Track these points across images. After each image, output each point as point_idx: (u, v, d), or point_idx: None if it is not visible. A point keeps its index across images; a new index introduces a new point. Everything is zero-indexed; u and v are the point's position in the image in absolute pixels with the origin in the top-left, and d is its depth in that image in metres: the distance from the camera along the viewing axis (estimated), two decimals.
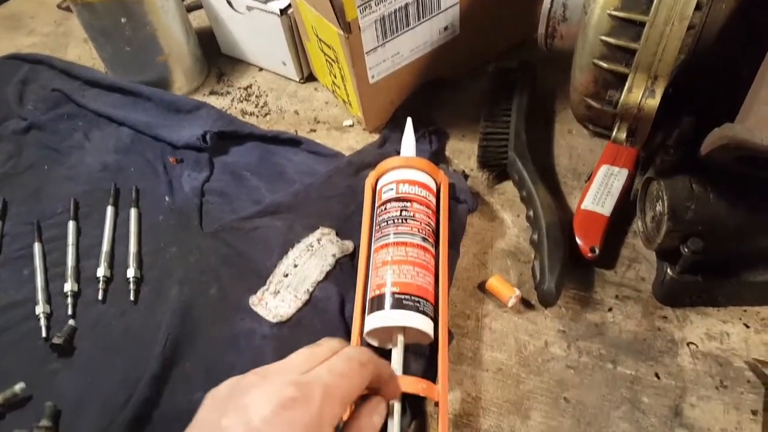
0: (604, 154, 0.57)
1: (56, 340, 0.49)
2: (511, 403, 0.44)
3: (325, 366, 0.32)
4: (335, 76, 0.65)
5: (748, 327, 0.47)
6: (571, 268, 0.50)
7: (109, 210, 0.59)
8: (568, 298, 0.50)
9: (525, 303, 0.50)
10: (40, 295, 0.53)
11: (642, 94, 0.41)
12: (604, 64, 0.42)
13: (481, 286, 0.51)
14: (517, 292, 0.49)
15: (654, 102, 0.39)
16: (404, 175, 0.51)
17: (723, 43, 0.40)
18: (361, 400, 0.35)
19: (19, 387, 0.46)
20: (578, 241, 0.51)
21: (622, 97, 0.41)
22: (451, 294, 0.51)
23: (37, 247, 0.56)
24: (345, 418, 0.34)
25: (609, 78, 0.43)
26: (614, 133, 0.44)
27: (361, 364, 0.32)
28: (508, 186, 0.58)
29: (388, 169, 0.52)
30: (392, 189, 0.50)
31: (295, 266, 0.53)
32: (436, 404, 0.42)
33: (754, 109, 0.33)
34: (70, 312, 0.52)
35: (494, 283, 0.50)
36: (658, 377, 0.44)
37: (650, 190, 0.48)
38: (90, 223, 0.59)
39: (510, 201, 0.57)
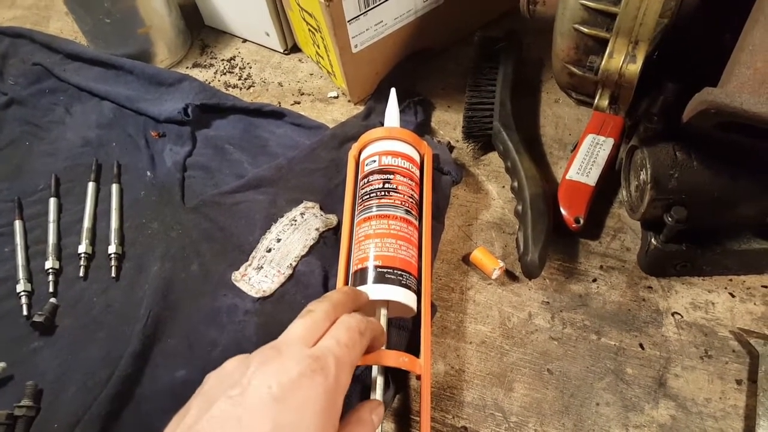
0: (591, 123, 0.56)
1: (37, 318, 0.49)
2: (495, 375, 0.44)
3: (333, 338, 0.33)
4: (318, 47, 0.63)
5: (733, 296, 0.46)
6: (555, 239, 0.49)
7: (91, 186, 0.58)
8: (553, 269, 0.49)
9: (509, 275, 0.49)
10: (21, 273, 0.52)
11: (623, 60, 0.40)
12: (585, 29, 0.41)
13: (466, 259, 0.50)
14: (501, 264, 0.48)
15: (635, 67, 0.38)
16: (387, 147, 0.50)
17: (706, 8, 0.38)
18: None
19: (0, 366, 0.46)
20: (563, 211, 0.51)
21: (603, 62, 0.40)
22: (436, 267, 0.50)
23: (18, 225, 0.55)
24: None
25: (590, 43, 0.42)
26: (596, 101, 0.43)
27: (360, 333, 0.34)
28: (494, 157, 0.57)
29: (370, 140, 0.51)
30: (375, 161, 0.50)
31: (278, 241, 0.52)
32: (419, 377, 0.42)
33: (735, 73, 0.32)
34: (51, 290, 0.51)
35: (478, 255, 0.49)
36: (643, 348, 0.44)
37: (634, 159, 0.47)
38: (71, 199, 0.58)
39: (495, 172, 0.56)
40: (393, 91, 0.56)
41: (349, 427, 0.33)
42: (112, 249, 0.53)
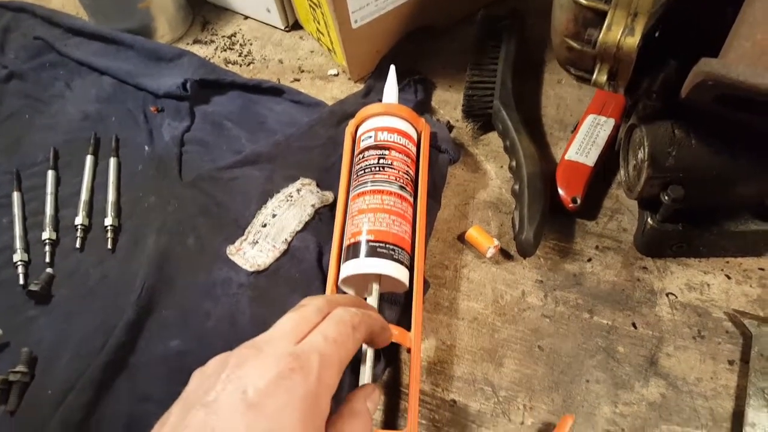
0: (592, 103, 0.56)
1: (33, 287, 0.49)
2: (486, 351, 0.44)
3: (319, 333, 0.30)
4: (319, 23, 0.63)
5: (729, 278, 0.46)
6: (552, 218, 0.49)
7: (89, 159, 0.58)
8: (548, 248, 0.49)
9: (504, 254, 0.49)
10: (18, 243, 0.52)
11: (621, 32, 0.39)
12: (584, 1, 0.40)
13: (461, 237, 0.50)
14: (496, 242, 0.48)
15: (633, 40, 0.38)
16: (383, 123, 0.50)
17: None
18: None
19: None
20: (560, 191, 0.50)
21: (601, 35, 0.40)
22: (431, 245, 0.50)
23: (16, 196, 0.56)
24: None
25: (589, 16, 0.41)
26: (595, 75, 0.42)
27: (353, 327, 0.32)
28: (493, 137, 0.57)
29: (367, 116, 0.51)
30: (371, 137, 0.49)
31: (274, 216, 0.52)
32: (410, 351, 0.42)
33: (734, 45, 0.32)
34: (47, 260, 0.52)
35: (473, 233, 0.49)
36: (635, 327, 0.44)
37: (633, 138, 0.47)
38: (70, 172, 0.58)
39: (494, 152, 0.56)
40: (392, 67, 0.55)
41: (342, 422, 0.30)
42: (108, 221, 0.53)
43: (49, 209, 0.55)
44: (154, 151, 0.59)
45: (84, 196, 0.55)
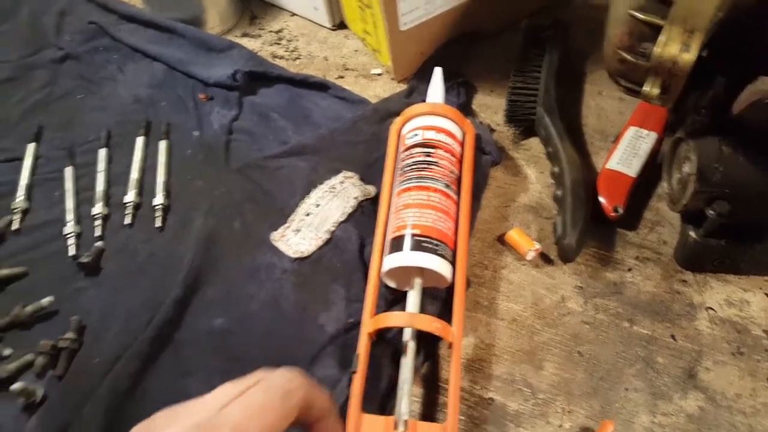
0: (634, 116, 0.56)
1: (84, 259, 0.50)
2: (525, 352, 0.45)
3: (240, 401, 0.28)
4: (367, 23, 0.64)
5: None
6: (592, 227, 0.50)
7: (140, 140, 0.60)
8: (588, 255, 0.49)
9: (544, 257, 0.50)
10: (70, 216, 0.54)
11: (677, 48, 0.40)
12: (641, 15, 0.41)
13: (501, 239, 0.51)
14: (537, 245, 0.49)
15: (689, 57, 0.39)
16: (430, 122, 0.51)
17: (763, 3, 0.38)
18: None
19: (46, 300, 0.48)
20: (601, 200, 0.51)
21: (657, 49, 0.40)
22: (470, 244, 0.51)
23: (69, 171, 0.57)
24: None
25: (645, 30, 0.42)
26: (646, 88, 0.43)
27: (283, 396, 0.29)
28: (534, 142, 0.58)
29: (414, 115, 0.52)
30: (417, 135, 0.50)
31: (317, 206, 0.54)
32: (449, 346, 0.43)
33: None
34: (98, 234, 0.53)
35: (514, 235, 0.50)
36: (675, 339, 0.44)
37: (679, 151, 0.47)
38: (120, 152, 0.60)
39: (535, 157, 0.57)
40: (439, 69, 0.56)
41: None
42: (158, 200, 0.54)
43: (100, 185, 0.56)
44: (203, 137, 0.61)
45: (135, 174, 0.57)
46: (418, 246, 0.44)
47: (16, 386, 0.43)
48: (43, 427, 0.42)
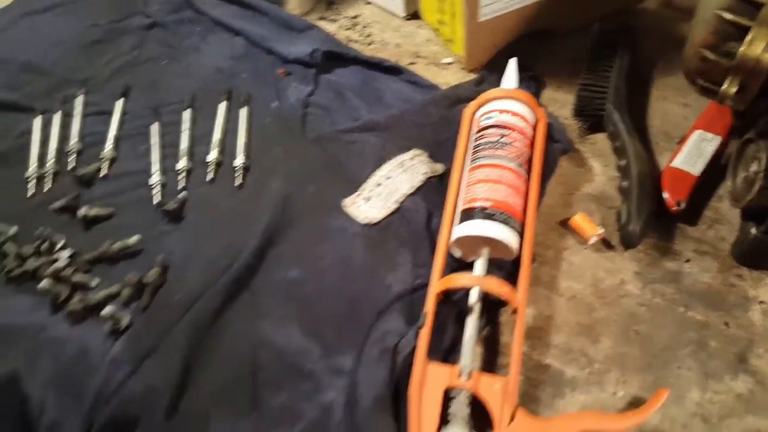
0: (699, 120, 0.58)
1: (169, 207, 0.54)
2: (583, 326, 0.47)
3: None
4: (444, 13, 0.67)
5: None
6: (654, 220, 0.52)
7: (222, 105, 0.63)
8: (648, 245, 0.51)
9: (605, 243, 0.52)
10: (155, 167, 0.58)
11: (762, 48, 0.42)
12: (728, 16, 0.43)
13: (564, 223, 0.53)
14: (600, 230, 0.51)
15: None
16: (506, 106, 0.53)
17: None
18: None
19: (133, 239, 0.52)
20: (665, 195, 0.53)
21: (742, 48, 0.42)
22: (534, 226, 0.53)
23: (155, 127, 0.61)
24: None
25: (730, 30, 0.44)
26: (725, 87, 0.45)
27: None
28: (599, 138, 0.60)
29: (491, 98, 0.55)
30: (493, 117, 0.53)
31: (388, 178, 0.56)
32: (513, 312, 0.45)
33: None
34: (181, 187, 0.57)
35: (578, 220, 0.52)
36: (728, 326, 0.46)
37: (747, 151, 0.49)
38: (202, 117, 0.64)
39: (600, 151, 0.59)
40: (514, 60, 0.59)
41: None
42: (239, 161, 0.58)
43: (184, 143, 0.60)
44: (281, 108, 0.64)
45: (217, 135, 0.60)
46: (488, 217, 0.47)
47: (107, 311, 0.47)
48: (128, 351, 0.45)
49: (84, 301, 0.48)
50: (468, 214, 0.48)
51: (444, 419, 0.40)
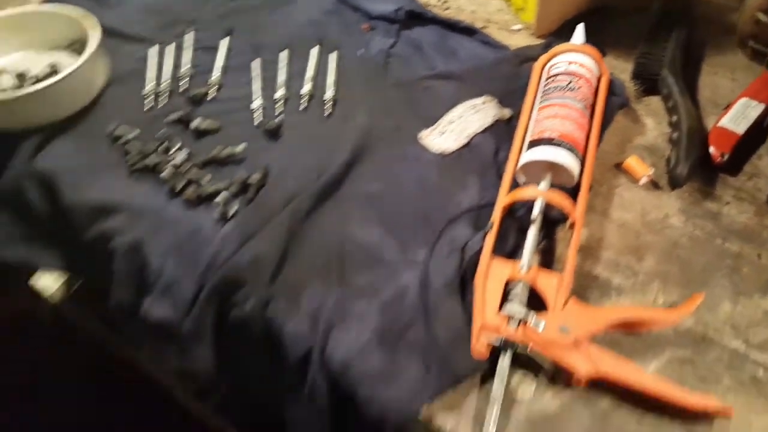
0: (746, 90, 0.64)
1: (268, 126, 0.62)
2: (630, 247, 0.53)
3: None
4: None
5: None
6: (700, 168, 0.58)
7: (314, 50, 0.72)
8: (692, 189, 0.57)
9: (654, 184, 0.58)
10: (257, 94, 0.66)
11: None
12: None
13: (617, 166, 0.60)
14: (651, 170, 0.57)
15: None
16: (575, 58, 0.60)
17: None
18: None
19: (240, 147, 0.60)
20: (711, 148, 0.59)
21: None
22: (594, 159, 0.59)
23: (257, 62, 0.70)
24: None
25: None
26: None
27: None
28: (653, 100, 0.66)
29: (560, 51, 0.62)
30: (562, 66, 0.60)
31: (460, 117, 0.64)
32: (570, 226, 0.52)
33: None
34: (278, 112, 0.65)
35: (631, 162, 0.58)
36: (760, 258, 0.52)
37: None
38: (296, 58, 0.71)
39: (654, 111, 0.65)
40: (582, 25, 0.66)
41: None
42: (329, 94, 0.66)
43: (281, 77, 0.68)
44: (365, 55, 0.72)
45: (311, 73, 0.68)
46: (555, 145, 0.54)
47: (219, 198, 0.55)
48: (236, 230, 0.53)
49: (198, 191, 0.56)
50: (536, 143, 0.55)
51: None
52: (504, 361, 0.43)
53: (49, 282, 0.58)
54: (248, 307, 0.49)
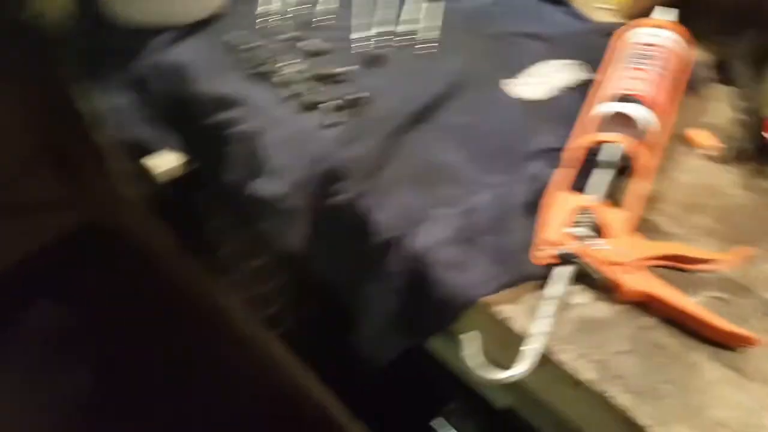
0: None
1: (373, 53, 0.69)
2: (687, 205, 0.58)
3: None
4: None
5: None
6: (762, 151, 0.63)
7: None
8: (753, 166, 0.62)
9: (715, 159, 0.63)
10: (361, 27, 0.73)
11: None
12: None
13: (683, 137, 0.65)
14: (718, 144, 0.62)
15: None
16: (662, 32, 0.66)
17: None
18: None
19: (346, 68, 0.67)
20: (765, 135, 0.64)
21: None
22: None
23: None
24: None
25: None
26: None
27: None
28: (722, 88, 0.71)
29: (648, 24, 0.67)
30: (650, 38, 0.65)
31: (546, 73, 0.70)
32: (638, 176, 0.57)
33: None
34: (383, 44, 0.72)
35: (698, 133, 0.64)
36: None
37: None
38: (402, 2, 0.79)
39: (725, 97, 0.70)
40: (672, 11, 0.71)
41: None
42: (431, 35, 0.73)
43: (390, 14, 0.75)
44: (464, 7, 0.79)
45: (419, 14, 0.75)
46: (633, 101, 0.59)
47: (326, 106, 0.62)
48: (340, 135, 0.60)
49: (307, 98, 0.63)
50: (615, 99, 0.60)
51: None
52: (564, 269, 0.50)
53: (162, 162, 0.66)
54: (345, 198, 0.56)
